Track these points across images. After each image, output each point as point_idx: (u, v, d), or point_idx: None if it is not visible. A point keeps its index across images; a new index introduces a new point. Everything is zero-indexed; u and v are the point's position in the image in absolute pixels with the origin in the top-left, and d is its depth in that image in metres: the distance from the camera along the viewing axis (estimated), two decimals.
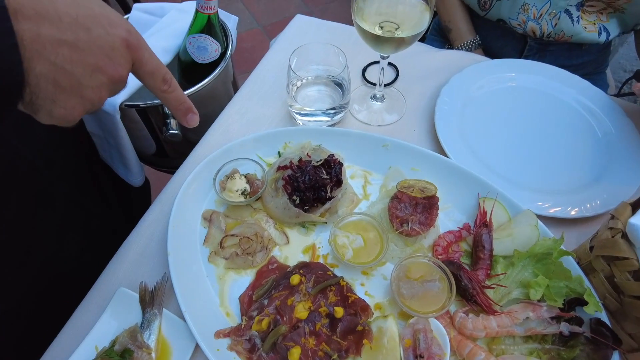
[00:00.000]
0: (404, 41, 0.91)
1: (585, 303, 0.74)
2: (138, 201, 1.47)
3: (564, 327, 0.75)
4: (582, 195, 0.97)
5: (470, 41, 1.52)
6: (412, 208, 0.89)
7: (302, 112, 1.07)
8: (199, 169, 0.95)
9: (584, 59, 1.49)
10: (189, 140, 1.21)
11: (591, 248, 0.80)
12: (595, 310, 0.73)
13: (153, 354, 0.79)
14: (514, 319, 0.79)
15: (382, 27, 0.93)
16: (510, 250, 0.86)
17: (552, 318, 0.77)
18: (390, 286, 0.82)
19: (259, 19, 3.23)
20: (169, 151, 1.35)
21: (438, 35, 1.72)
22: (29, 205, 0.96)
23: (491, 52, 1.54)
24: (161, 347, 0.80)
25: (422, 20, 0.91)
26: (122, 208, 1.36)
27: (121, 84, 0.60)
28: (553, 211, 0.94)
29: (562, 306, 0.77)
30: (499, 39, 1.52)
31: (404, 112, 1.13)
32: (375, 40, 0.92)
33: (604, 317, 0.75)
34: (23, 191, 0.95)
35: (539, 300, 0.79)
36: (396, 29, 0.93)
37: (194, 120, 0.71)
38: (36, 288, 0.99)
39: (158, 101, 1.15)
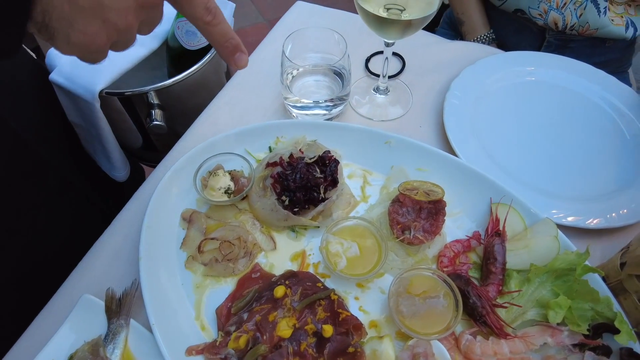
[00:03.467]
0: (411, 24, 0.81)
1: (615, 330, 0.64)
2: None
3: (589, 357, 0.65)
4: (608, 203, 0.86)
5: (484, 35, 1.41)
6: (415, 213, 0.78)
7: (298, 105, 0.97)
8: (179, 164, 0.86)
9: (607, 57, 1.37)
10: (176, 132, 1.12)
11: (622, 265, 0.69)
12: (628, 339, 0.63)
13: None
14: (530, 345, 0.68)
15: (387, 10, 0.83)
16: (526, 264, 0.76)
17: (574, 345, 0.67)
18: (387, 302, 0.72)
19: (264, 12, 3.14)
20: (157, 144, 1.26)
21: (449, 28, 1.61)
22: (15, 182, 0.88)
23: (506, 48, 1.41)
24: None
25: (431, 2, 0.80)
26: (116, 204, 1.28)
27: (153, 10, 0.52)
28: (575, 220, 0.83)
29: (586, 332, 0.67)
30: (514, 34, 1.41)
31: (410, 106, 1.03)
32: (379, 24, 0.82)
33: (638, 347, 0.64)
34: (9, 166, 0.87)
35: (559, 324, 0.69)
36: (402, 12, 0.82)
37: (242, 61, 0.62)
38: (16, 274, 0.91)
39: (143, 89, 1.06)
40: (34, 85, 1.05)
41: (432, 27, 1.77)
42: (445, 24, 1.64)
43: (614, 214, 0.84)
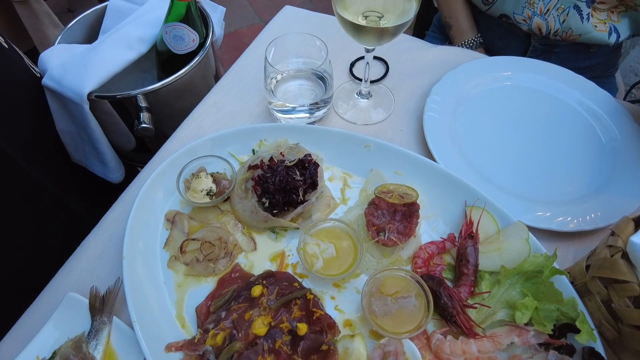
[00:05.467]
0: (387, 31, 0.83)
1: (578, 330, 0.66)
2: None
3: (553, 356, 0.67)
4: (582, 207, 0.88)
5: (471, 39, 1.43)
6: (390, 215, 0.81)
7: (282, 109, 0.99)
8: (163, 167, 0.88)
9: (592, 62, 1.39)
10: (165, 134, 1.15)
11: (587, 267, 0.71)
12: (588, 339, 0.65)
13: None
14: (497, 344, 0.70)
15: (366, 17, 0.86)
16: (498, 266, 0.78)
17: (540, 345, 0.69)
18: (360, 302, 0.74)
19: (261, 14, 3.16)
20: (150, 146, 1.29)
21: (439, 32, 1.63)
22: (8, 206, 0.90)
23: (493, 53, 1.44)
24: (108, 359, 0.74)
25: (408, 9, 0.83)
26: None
27: None
28: (548, 223, 0.85)
29: (551, 332, 0.69)
30: (501, 38, 1.43)
31: (392, 110, 1.05)
32: (356, 31, 0.84)
33: (599, 346, 0.67)
34: (3, 191, 0.89)
35: (526, 324, 0.71)
36: (380, 19, 0.85)
37: None
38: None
39: (131, 92, 1.09)
40: (27, 104, 1.06)
41: (422, 30, 1.79)
42: (435, 27, 1.66)
43: (587, 217, 0.86)
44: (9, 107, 0.97)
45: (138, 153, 1.36)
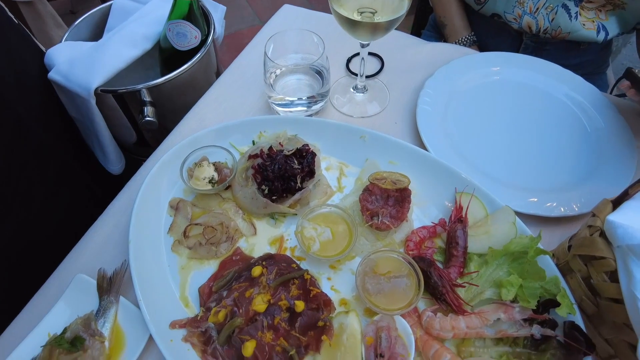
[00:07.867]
0: (380, 26, 0.87)
1: (559, 304, 0.70)
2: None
3: (536, 330, 0.71)
4: (567, 194, 0.92)
5: (465, 37, 1.48)
6: (383, 201, 0.85)
7: (281, 103, 1.03)
8: (168, 156, 0.93)
9: (582, 59, 1.43)
10: (167, 128, 1.19)
11: (569, 247, 0.75)
12: (568, 312, 0.69)
13: (106, 343, 0.76)
14: (484, 320, 0.74)
15: (361, 13, 0.90)
16: (486, 248, 0.82)
17: (524, 320, 0.73)
18: (355, 281, 0.78)
19: (261, 15, 3.21)
20: (149, 140, 1.33)
21: (434, 31, 1.68)
22: (15, 165, 0.95)
23: (486, 50, 1.48)
24: (115, 336, 0.78)
25: (401, 5, 0.87)
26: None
27: None
28: (535, 209, 0.89)
29: (535, 308, 0.73)
30: (494, 37, 1.47)
31: (387, 104, 1.09)
32: (351, 26, 0.88)
33: (579, 320, 0.71)
34: (10, 149, 0.94)
35: (512, 301, 0.75)
36: (374, 14, 0.89)
37: None
38: (8, 254, 0.97)
39: (136, 87, 1.13)
40: (43, 77, 1.12)
41: (418, 29, 1.84)
42: (431, 26, 1.70)
43: (573, 205, 0.90)
44: (26, 77, 1.02)
45: (139, 147, 1.40)
